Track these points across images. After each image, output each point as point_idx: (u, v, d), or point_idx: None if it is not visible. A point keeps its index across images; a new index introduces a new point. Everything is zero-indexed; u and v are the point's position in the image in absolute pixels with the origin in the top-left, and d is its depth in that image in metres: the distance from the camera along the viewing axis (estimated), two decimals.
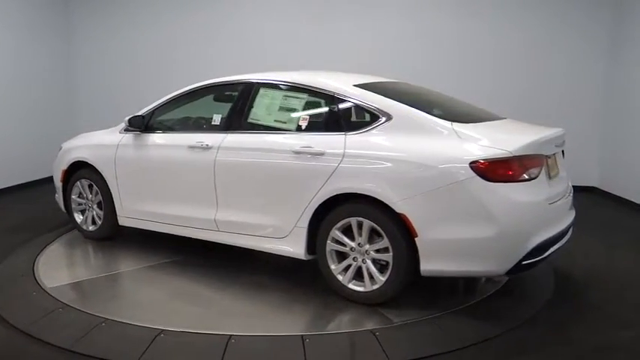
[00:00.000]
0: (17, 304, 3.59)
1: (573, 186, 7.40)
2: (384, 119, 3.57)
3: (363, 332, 3.16)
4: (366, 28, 7.96)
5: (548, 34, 7.59)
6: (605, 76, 7.46)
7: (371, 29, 7.94)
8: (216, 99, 4.56)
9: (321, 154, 3.62)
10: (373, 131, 3.58)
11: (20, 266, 4.26)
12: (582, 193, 7.52)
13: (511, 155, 3.20)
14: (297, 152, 3.72)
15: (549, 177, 3.51)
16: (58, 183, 5.24)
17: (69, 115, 8.81)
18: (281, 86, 4.13)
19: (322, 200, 3.59)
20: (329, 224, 3.60)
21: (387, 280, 3.43)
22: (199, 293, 3.85)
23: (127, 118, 4.66)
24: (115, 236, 4.99)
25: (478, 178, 3.16)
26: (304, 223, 3.67)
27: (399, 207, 3.33)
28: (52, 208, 6.36)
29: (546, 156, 3.50)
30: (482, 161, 3.18)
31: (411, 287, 3.55)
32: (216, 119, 4.34)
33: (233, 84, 4.37)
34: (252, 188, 3.99)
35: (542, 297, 3.80)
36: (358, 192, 3.47)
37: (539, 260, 3.35)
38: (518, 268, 3.28)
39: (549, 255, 3.44)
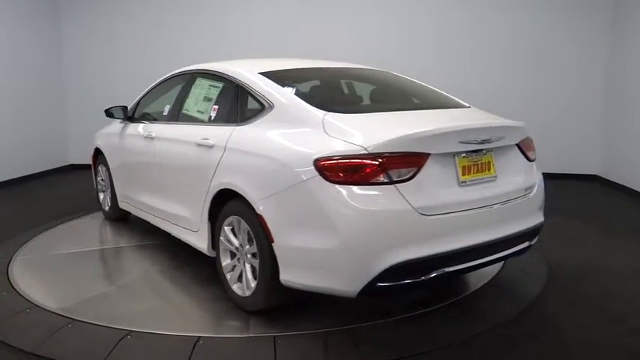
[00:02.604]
0: None
1: (574, 174, 7.41)
2: (268, 109, 3.26)
3: (338, 332, 3.00)
4: (375, 23, 7.85)
5: (551, 26, 7.48)
6: (607, 66, 7.31)
7: (380, 24, 7.84)
8: None
9: (212, 146, 3.46)
10: (256, 122, 3.29)
11: None
12: (583, 182, 7.40)
13: (364, 152, 2.66)
14: (198, 144, 3.61)
15: (459, 181, 2.90)
16: (93, 166, 5.70)
17: (59, 114, 8.72)
18: (206, 75, 4.03)
19: (212, 195, 3.40)
20: (220, 221, 3.38)
21: (256, 288, 3.11)
22: (167, 287, 3.76)
23: (105, 109, 4.93)
24: (126, 217, 5.32)
25: (320, 178, 2.69)
26: (206, 217, 3.52)
27: (258, 207, 2.98)
28: (34, 206, 6.29)
29: (455, 153, 2.90)
30: (324, 159, 2.71)
31: None
32: (166, 110, 4.36)
33: (185, 74, 4.35)
34: (176, 180, 3.99)
35: (533, 290, 3.64)
36: (230, 188, 3.22)
37: (412, 283, 2.77)
38: (373, 291, 2.71)
39: (444, 275, 2.83)
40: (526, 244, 3.29)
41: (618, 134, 7.02)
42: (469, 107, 3.65)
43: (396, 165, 2.69)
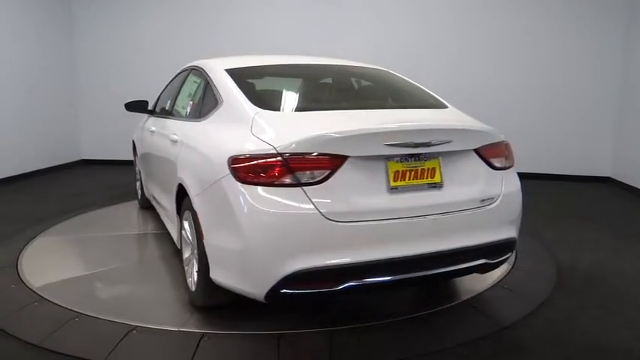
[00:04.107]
0: None
1: (587, 176, 7.33)
2: (219, 106, 3.27)
3: (343, 330, 2.98)
4: (405, 23, 7.85)
5: (566, 27, 7.43)
6: (620, 68, 7.23)
7: (409, 24, 7.84)
8: None
9: (176, 142, 3.60)
10: (209, 118, 3.32)
11: (4, 258, 4.17)
12: (596, 184, 7.31)
13: (273, 152, 2.56)
14: (169, 139, 3.77)
15: (389, 187, 2.68)
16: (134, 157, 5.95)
17: (72, 110, 8.78)
18: (194, 72, 4.09)
19: (175, 189, 3.45)
20: (181, 215, 3.43)
21: (197, 284, 3.11)
22: (174, 279, 3.74)
23: (125, 103, 5.00)
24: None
25: (232, 177, 2.63)
26: (174, 210, 3.61)
27: (194, 203, 2.98)
28: (45, 200, 6.34)
29: (387, 157, 2.68)
30: (236, 158, 2.65)
31: None
32: (167, 105, 4.51)
33: (185, 70, 4.45)
34: (161, 173, 4.15)
35: (543, 292, 3.58)
36: (181, 183, 3.28)
37: (322, 293, 2.65)
38: (278, 297, 2.61)
39: (361, 288, 2.65)
40: (482, 261, 2.95)
41: (631, 136, 6.92)
42: (446, 108, 3.42)
43: (304, 166, 2.55)
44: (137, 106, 4.99)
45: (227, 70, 3.50)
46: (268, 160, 2.56)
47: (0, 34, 7.16)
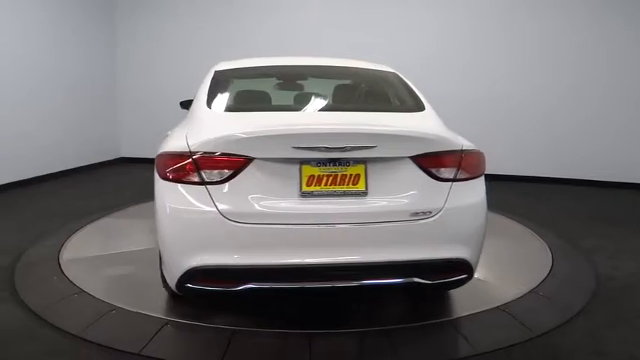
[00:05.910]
0: (37, 288, 3.62)
1: (625, 182, 7.12)
2: (192, 105, 3.40)
3: (374, 332, 2.98)
4: (444, 24, 7.78)
5: (602, 26, 7.22)
6: None
7: (450, 26, 7.76)
8: None
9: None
10: (187, 117, 3.45)
11: (47, 251, 4.32)
12: (631, 190, 7.09)
13: (186, 151, 2.63)
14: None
15: (302, 191, 2.60)
16: None
17: (112, 109, 9.02)
18: None
19: None
20: None
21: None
22: None
23: (180, 102, 4.91)
24: None
25: (157, 173, 2.80)
26: None
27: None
28: (87, 195, 6.53)
29: (302, 160, 2.60)
30: (160, 155, 2.81)
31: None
32: None
33: None
34: None
35: (579, 301, 3.49)
36: None
37: (223, 292, 2.72)
38: (186, 290, 2.75)
39: (262, 291, 2.70)
40: (412, 279, 2.73)
41: None
42: (421, 111, 3.19)
43: (209, 166, 2.60)
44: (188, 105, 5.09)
45: (215, 72, 3.61)
46: (179, 158, 2.66)
47: (42, 36, 7.38)
